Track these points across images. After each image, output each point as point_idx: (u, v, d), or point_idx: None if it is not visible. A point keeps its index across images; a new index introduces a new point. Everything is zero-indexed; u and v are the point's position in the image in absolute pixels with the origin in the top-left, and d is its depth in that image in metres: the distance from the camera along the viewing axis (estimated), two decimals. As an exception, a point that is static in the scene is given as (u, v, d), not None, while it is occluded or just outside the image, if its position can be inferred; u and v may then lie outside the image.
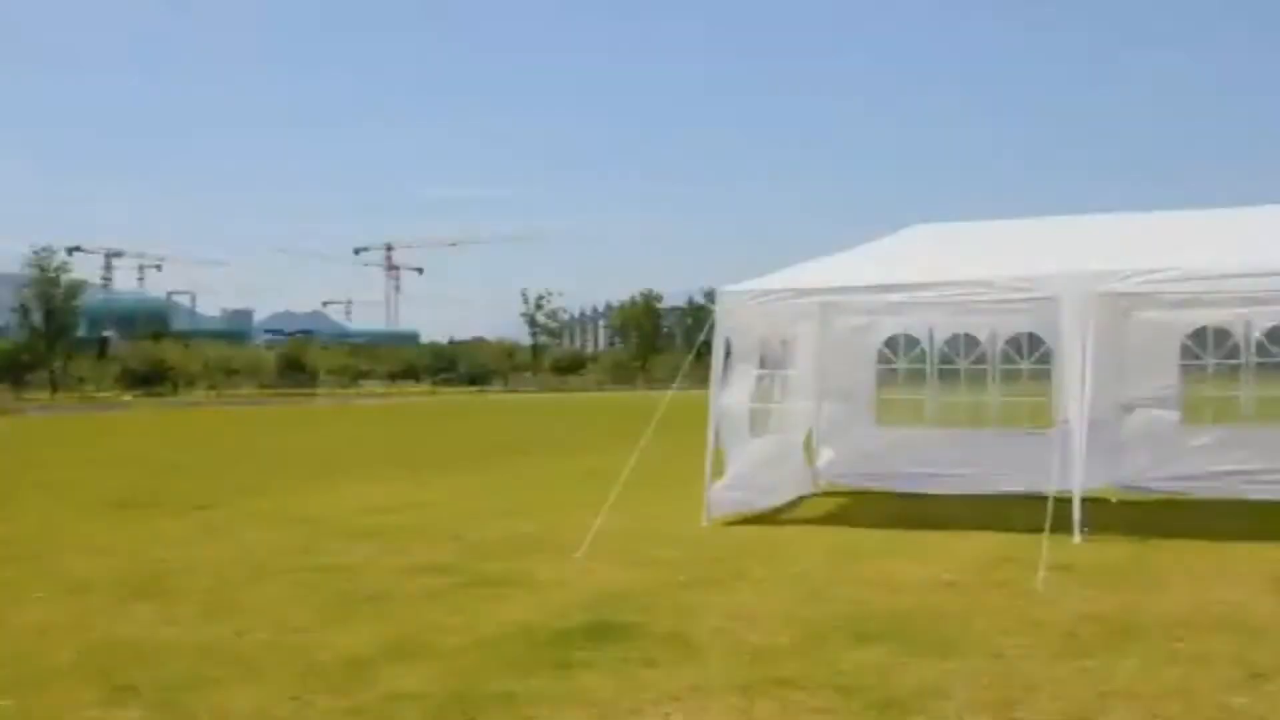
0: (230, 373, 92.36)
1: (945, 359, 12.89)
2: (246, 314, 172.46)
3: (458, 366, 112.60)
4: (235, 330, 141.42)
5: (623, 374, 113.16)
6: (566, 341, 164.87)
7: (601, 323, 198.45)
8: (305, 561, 9.11)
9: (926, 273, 10.75)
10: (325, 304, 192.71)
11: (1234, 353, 11.80)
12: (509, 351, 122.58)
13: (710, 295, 11.25)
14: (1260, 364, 11.74)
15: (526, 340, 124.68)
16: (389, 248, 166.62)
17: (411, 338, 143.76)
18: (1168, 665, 5.58)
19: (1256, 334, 11.76)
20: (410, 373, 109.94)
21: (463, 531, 10.59)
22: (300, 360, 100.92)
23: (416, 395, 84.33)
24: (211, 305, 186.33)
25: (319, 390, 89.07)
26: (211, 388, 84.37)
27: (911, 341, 12.97)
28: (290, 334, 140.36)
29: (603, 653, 6.02)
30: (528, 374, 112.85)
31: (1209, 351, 11.91)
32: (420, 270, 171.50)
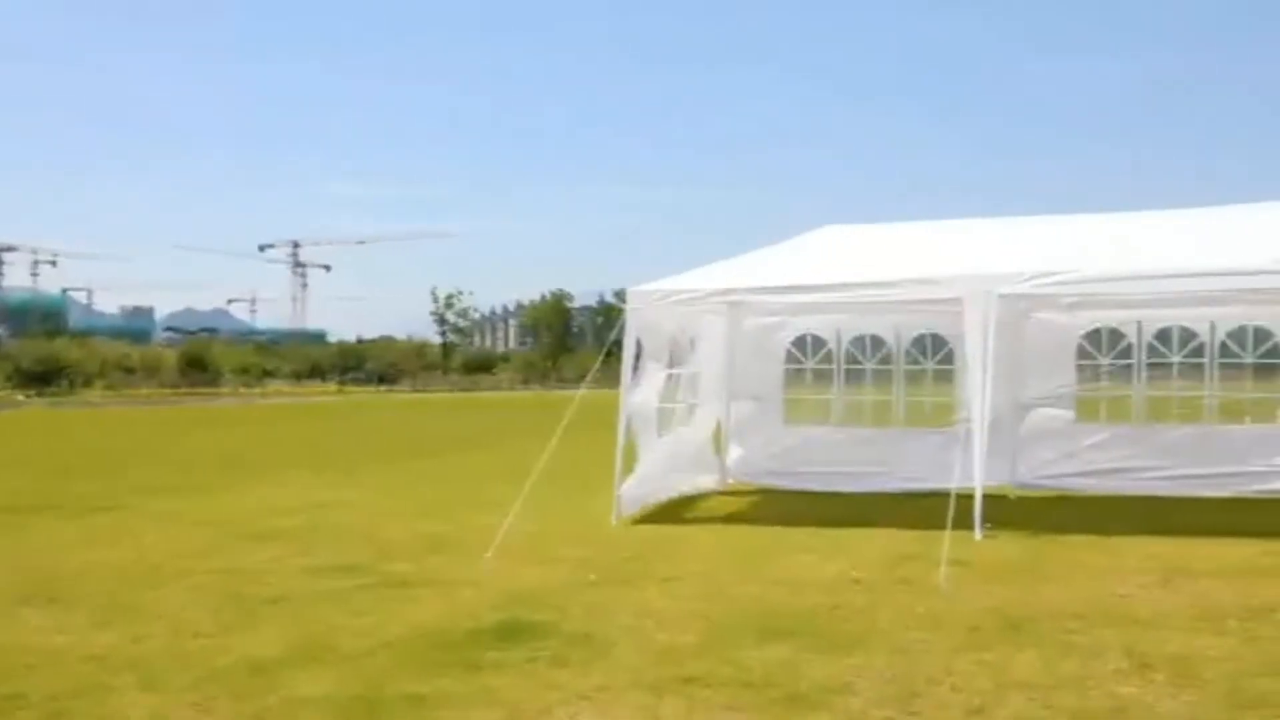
0: (129, 371, 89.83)
1: (852, 359, 13.11)
2: (147, 311, 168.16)
3: (365, 365, 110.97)
4: (135, 328, 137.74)
5: (533, 373, 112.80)
6: (477, 341, 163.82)
7: (512, 322, 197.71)
8: (207, 564, 8.92)
9: (834, 274, 10.91)
10: (230, 302, 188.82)
11: (1126, 353, 12.20)
12: (418, 350, 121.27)
13: (621, 295, 11.28)
14: (1150, 364, 12.15)
15: (436, 339, 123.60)
16: (295, 245, 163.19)
17: (318, 336, 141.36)
18: (1062, 657, 5.74)
19: (1148, 336, 12.16)
20: (317, 372, 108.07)
21: (371, 532, 10.46)
22: (203, 359, 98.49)
23: (323, 395, 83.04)
24: (110, 302, 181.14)
25: (222, 390, 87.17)
26: (109, 387, 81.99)
27: (819, 342, 13.17)
28: (192, 332, 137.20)
29: (512, 653, 6.00)
30: (437, 373, 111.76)
31: (1103, 352, 12.29)
32: (328, 268, 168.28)
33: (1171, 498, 11.49)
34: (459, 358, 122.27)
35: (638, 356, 10.94)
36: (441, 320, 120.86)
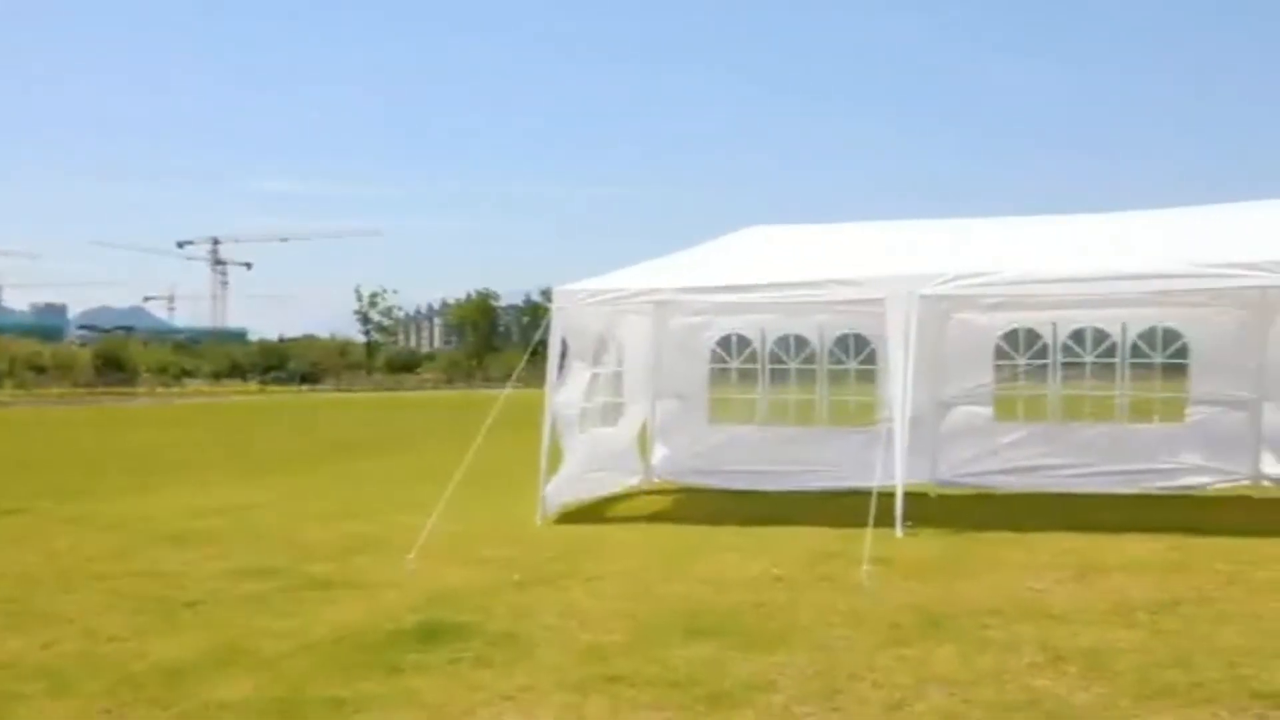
0: (40, 370, 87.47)
1: (776, 359, 13.22)
2: (59, 309, 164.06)
3: (288, 365, 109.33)
4: (46, 325, 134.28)
5: (458, 373, 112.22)
6: (401, 340, 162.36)
7: (437, 321, 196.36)
8: (121, 568, 8.71)
9: (759, 274, 10.99)
10: (146, 299, 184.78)
11: (1043, 353, 12.47)
12: (341, 349, 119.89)
13: (548, 294, 11.26)
14: (1065, 364, 12.44)
15: (360, 338, 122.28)
16: (215, 241, 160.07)
17: (239, 335, 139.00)
18: (980, 652, 5.85)
19: (1062, 336, 12.45)
20: (237, 371, 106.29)
21: (291, 534, 10.30)
22: (119, 358, 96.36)
23: (244, 394, 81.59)
24: (20, 299, 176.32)
25: (139, 389, 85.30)
26: (19, 386, 79.73)
27: (744, 341, 13.26)
28: (107, 330, 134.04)
29: (435, 654, 5.95)
30: (361, 373, 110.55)
31: (1020, 352, 12.55)
32: (249, 265, 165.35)
33: (1086, 494, 11.81)
34: (383, 357, 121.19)
35: (563, 356, 10.93)
36: (365, 319, 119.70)
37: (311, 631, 6.49)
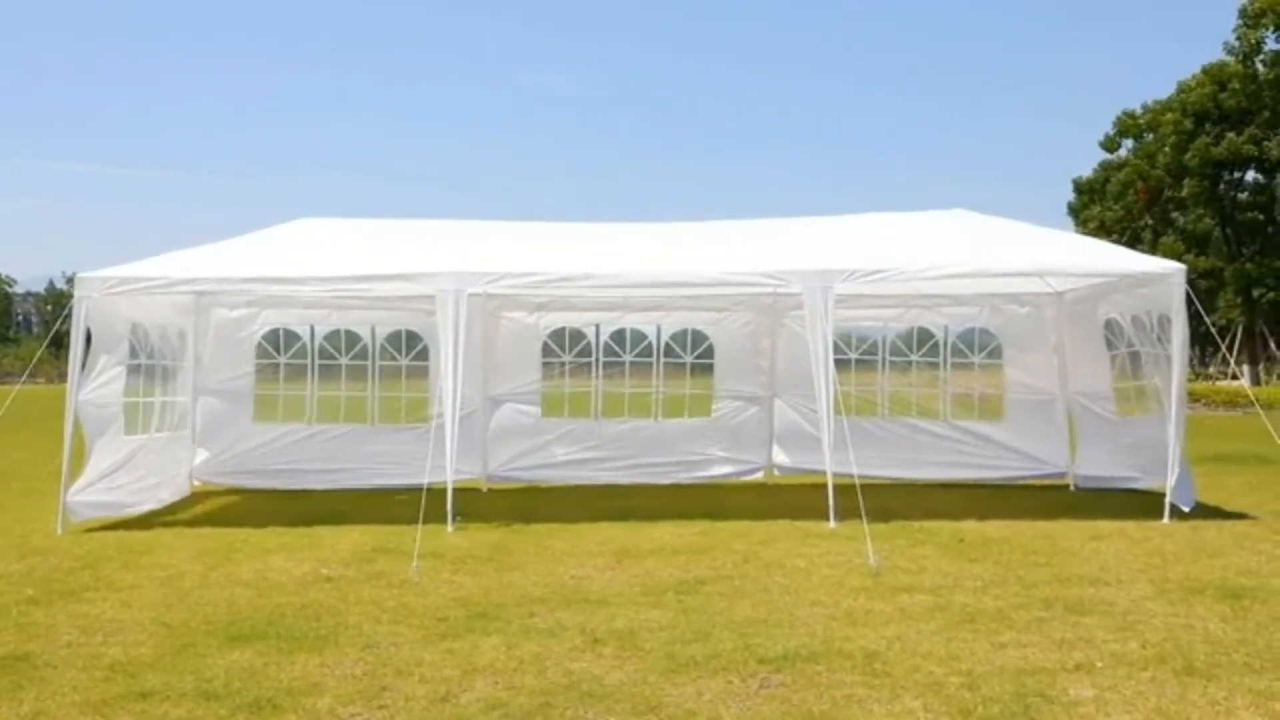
0: None
1: (326, 354, 12.91)
2: None
3: None
4: None
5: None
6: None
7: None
8: None
9: (307, 267, 10.66)
10: None
11: (586, 352, 13.15)
12: None
13: (73, 280, 10.27)
14: (607, 363, 13.19)
15: None
16: None
17: None
18: (524, 639, 6.06)
19: (604, 336, 13.20)
20: None
21: None
22: None
23: None
24: None
25: None
26: None
27: (292, 336, 12.83)
28: None
29: (-77, 686, 5.25)
30: None
31: (566, 351, 13.15)
32: None
33: (626, 485, 12.62)
34: None
35: (90, 348, 10.03)
36: None
37: None
